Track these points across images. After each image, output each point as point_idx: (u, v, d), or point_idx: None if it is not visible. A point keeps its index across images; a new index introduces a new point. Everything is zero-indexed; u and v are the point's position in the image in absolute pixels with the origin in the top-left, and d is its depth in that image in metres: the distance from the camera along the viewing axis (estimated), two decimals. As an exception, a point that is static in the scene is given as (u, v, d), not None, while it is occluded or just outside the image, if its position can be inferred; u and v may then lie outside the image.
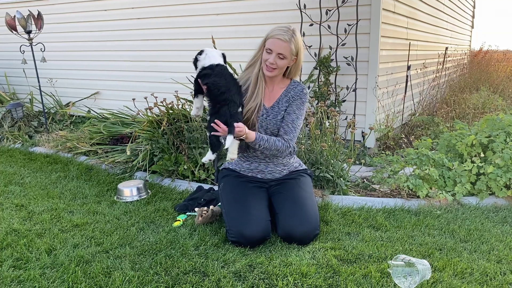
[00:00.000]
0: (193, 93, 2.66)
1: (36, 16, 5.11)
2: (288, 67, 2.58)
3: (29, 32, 5.08)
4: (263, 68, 2.54)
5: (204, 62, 2.52)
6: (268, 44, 2.48)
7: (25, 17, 5.03)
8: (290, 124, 2.59)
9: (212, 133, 2.43)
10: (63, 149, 4.67)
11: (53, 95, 6.47)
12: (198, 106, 2.65)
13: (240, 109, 2.45)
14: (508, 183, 3.07)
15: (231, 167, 2.77)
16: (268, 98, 2.64)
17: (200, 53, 2.55)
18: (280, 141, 2.55)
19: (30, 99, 6.28)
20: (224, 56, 2.60)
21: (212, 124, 2.40)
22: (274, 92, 2.65)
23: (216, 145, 2.53)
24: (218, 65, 2.50)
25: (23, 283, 2.08)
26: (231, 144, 2.36)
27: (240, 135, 2.39)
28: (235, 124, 2.35)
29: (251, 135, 2.45)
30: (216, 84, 2.44)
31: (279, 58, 2.47)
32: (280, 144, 2.54)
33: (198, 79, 2.53)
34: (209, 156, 2.55)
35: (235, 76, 2.73)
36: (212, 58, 2.52)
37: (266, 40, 2.50)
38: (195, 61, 2.57)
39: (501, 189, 3.08)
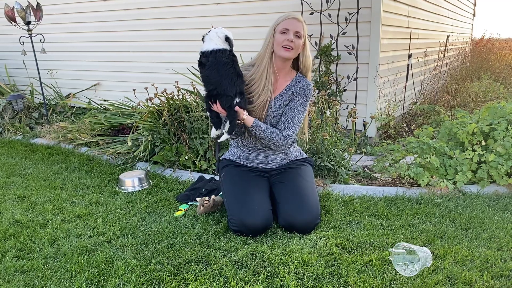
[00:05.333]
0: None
1: (35, 7, 5.08)
2: (298, 57, 2.58)
3: (28, 23, 5.06)
4: (278, 51, 2.48)
5: (203, 46, 2.42)
6: (282, 26, 2.45)
7: (24, 8, 4.99)
8: (291, 120, 2.56)
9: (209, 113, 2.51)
10: (64, 140, 4.67)
11: (54, 87, 6.45)
12: None
13: (237, 99, 2.38)
14: (509, 171, 3.07)
15: (232, 158, 2.77)
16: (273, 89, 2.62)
17: (208, 32, 2.44)
18: (277, 135, 2.53)
19: (30, 90, 6.26)
20: (227, 39, 2.40)
21: (210, 105, 2.47)
22: (279, 84, 2.62)
23: (217, 122, 2.54)
24: (212, 52, 2.36)
25: (26, 272, 2.09)
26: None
27: (238, 117, 2.42)
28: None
29: (249, 120, 2.46)
30: (207, 80, 2.43)
31: (296, 37, 2.45)
32: (277, 138, 2.53)
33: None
34: (213, 132, 2.58)
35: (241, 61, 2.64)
36: (209, 42, 2.40)
37: (276, 26, 2.48)
38: (203, 39, 2.46)
39: (502, 177, 3.08)
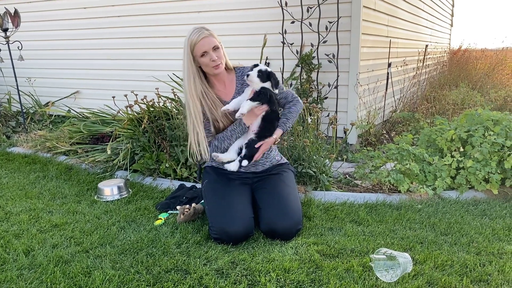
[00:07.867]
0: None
1: (12, 14, 5.00)
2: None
3: (5, 30, 4.97)
4: (211, 71, 2.55)
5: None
6: (198, 50, 2.46)
7: (2, 14, 4.91)
8: (283, 89, 2.74)
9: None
10: (42, 149, 4.58)
11: (32, 95, 6.34)
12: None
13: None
14: (486, 177, 3.12)
15: (214, 164, 2.75)
16: (225, 94, 2.65)
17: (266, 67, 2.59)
18: (296, 106, 2.72)
19: (8, 98, 6.15)
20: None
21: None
22: (228, 86, 2.67)
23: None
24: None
25: (0, 284, 2.03)
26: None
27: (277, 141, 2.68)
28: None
29: (278, 132, 2.64)
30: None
31: (215, 51, 2.50)
32: (299, 107, 2.73)
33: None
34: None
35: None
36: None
37: (192, 51, 2.48)
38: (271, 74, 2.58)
39: (480, 182, 3.12)
